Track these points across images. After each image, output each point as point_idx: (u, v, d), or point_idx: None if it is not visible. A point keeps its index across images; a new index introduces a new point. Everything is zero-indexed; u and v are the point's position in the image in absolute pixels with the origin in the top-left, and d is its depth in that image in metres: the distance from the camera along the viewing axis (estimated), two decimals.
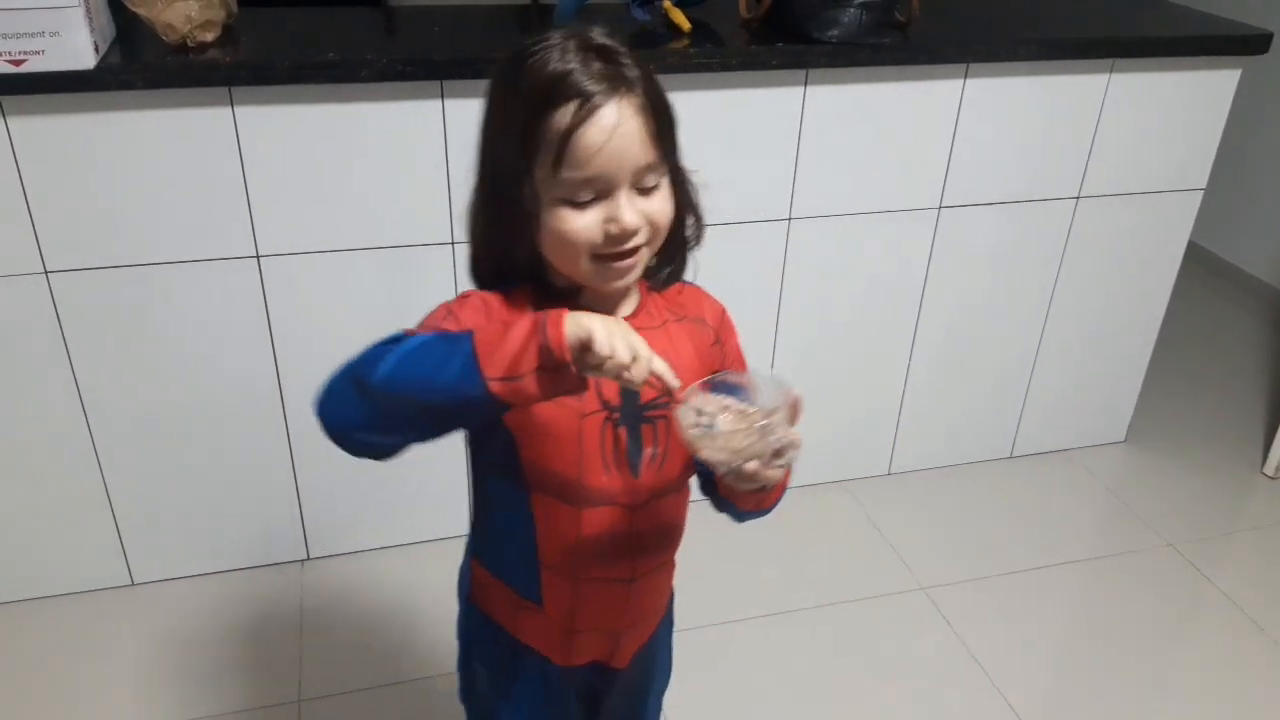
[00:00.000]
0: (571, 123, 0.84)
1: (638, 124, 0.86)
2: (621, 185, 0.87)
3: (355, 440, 0.86)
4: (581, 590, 1.03)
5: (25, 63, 1.54)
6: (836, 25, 1.89)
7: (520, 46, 0.89)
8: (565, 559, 1.01)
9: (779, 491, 0.99)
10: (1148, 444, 2.61)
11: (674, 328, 1.00)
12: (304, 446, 2.00)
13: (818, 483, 2.39)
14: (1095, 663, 1.98)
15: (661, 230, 0.92)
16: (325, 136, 1.75)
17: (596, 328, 0.77)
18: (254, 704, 1.81)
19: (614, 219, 0.87)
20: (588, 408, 0.95)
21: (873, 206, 2.10)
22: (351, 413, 0.85)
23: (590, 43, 0.88)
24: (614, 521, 1.00)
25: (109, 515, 1.96)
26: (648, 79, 0.89)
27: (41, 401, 1.83)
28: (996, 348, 2.37)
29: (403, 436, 0.86)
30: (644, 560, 1.05)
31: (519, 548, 1.03)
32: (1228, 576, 2.19)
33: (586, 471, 0.96)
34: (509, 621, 1.09)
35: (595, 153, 0.85)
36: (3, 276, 1.71)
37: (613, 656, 1.12)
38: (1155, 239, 2.34)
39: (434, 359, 0.81)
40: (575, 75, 0.85)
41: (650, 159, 0.88)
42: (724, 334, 1.07)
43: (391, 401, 0.83)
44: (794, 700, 1.86)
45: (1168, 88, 2.16)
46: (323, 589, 2.06)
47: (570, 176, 0.86)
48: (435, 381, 0.80)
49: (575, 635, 1.07)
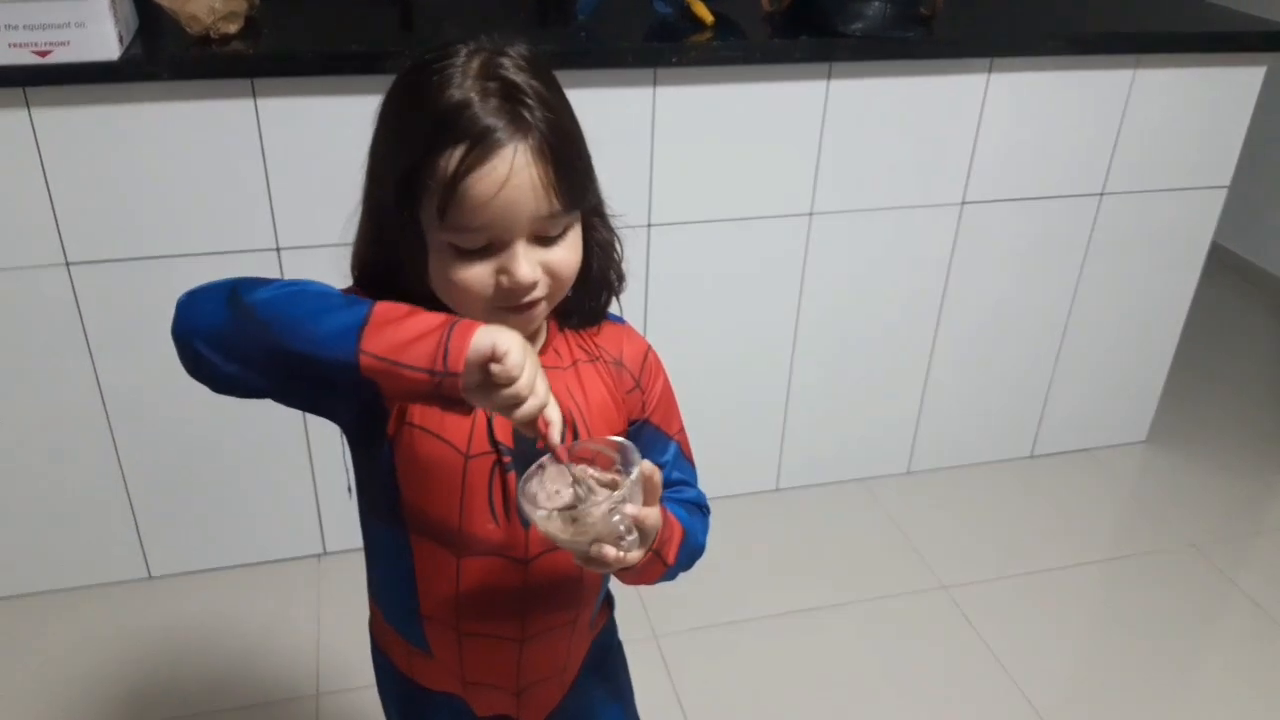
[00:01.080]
0: (458, 170, 0.74)
1: (534, 174, 0.76)
2: (517, 237, 0.78)
3: (192, 349, 0.76)
4: (466, 645, 0.95)
5: (51, 54, 1.55)
6: (860, 18, 1.88)
7: (421, 57, 0.80)
8: (445, 610, 0.93)
9: (658, 568, 0.89)
10: (1170, 444, 2.59)
11: (585, 369, 0.91)
12: (322, 441, 1.99)
13: (838, 481, 2.38)
14: (1117, 663, 1.96)
15: (565, 281, 0.83)
16: (347, 129, 1.73)
17: (514, 346, 0.70)
18: (272, 698, 1.80)
19: (507, 271, 0.78)
20: (475, 449, 0.86)
21: (895, 202, 2.09)
22: (207, 317, 0.75)
23: (494, 69, 0.77)
24: (500, 574, 0.91)
25: (127, 508, 1.96)
26: (555, 118, 0.78)
27: (62, 394, 1.83)
28: (1018, 345, 2.35)
29: (239, 370, 0.75)
30: (536, 618, 0.95)
31: (399, 592, 0.95)
32: (1251, 577, 2.17)
33: (469, 518, 0.88)
34: (406, 666, 1.02)
35: (484, 205, 0.75)
36: (25, 268, 1.71)
37: (521, 713, 1.03)
38: (1179, 236, 2.32)
39: (320, 306, 0.74)
40: (470, 113, 0.75)
41: (550, 210, 0.77)
42: (646, 378, 0.96)
43: (253, 325, 0.73)
44: (813, 699, 1.84)
45: (1193, 84, 2.14)
46: (340, 583, 2.05)
47: (457, 225, 0.76)
48: (308, 326, 0.72)
49: (471, 687, 1.00)
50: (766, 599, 2.05)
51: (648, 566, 0.87)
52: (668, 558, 0.89)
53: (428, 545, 0.90)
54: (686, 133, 1.88)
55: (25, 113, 1.60)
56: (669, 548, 0.89)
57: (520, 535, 0.90)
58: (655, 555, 0.87)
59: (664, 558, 0.89)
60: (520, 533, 0.90)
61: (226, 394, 0.80)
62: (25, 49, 1.53)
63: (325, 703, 1.79)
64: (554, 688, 1.04)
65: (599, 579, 1.01)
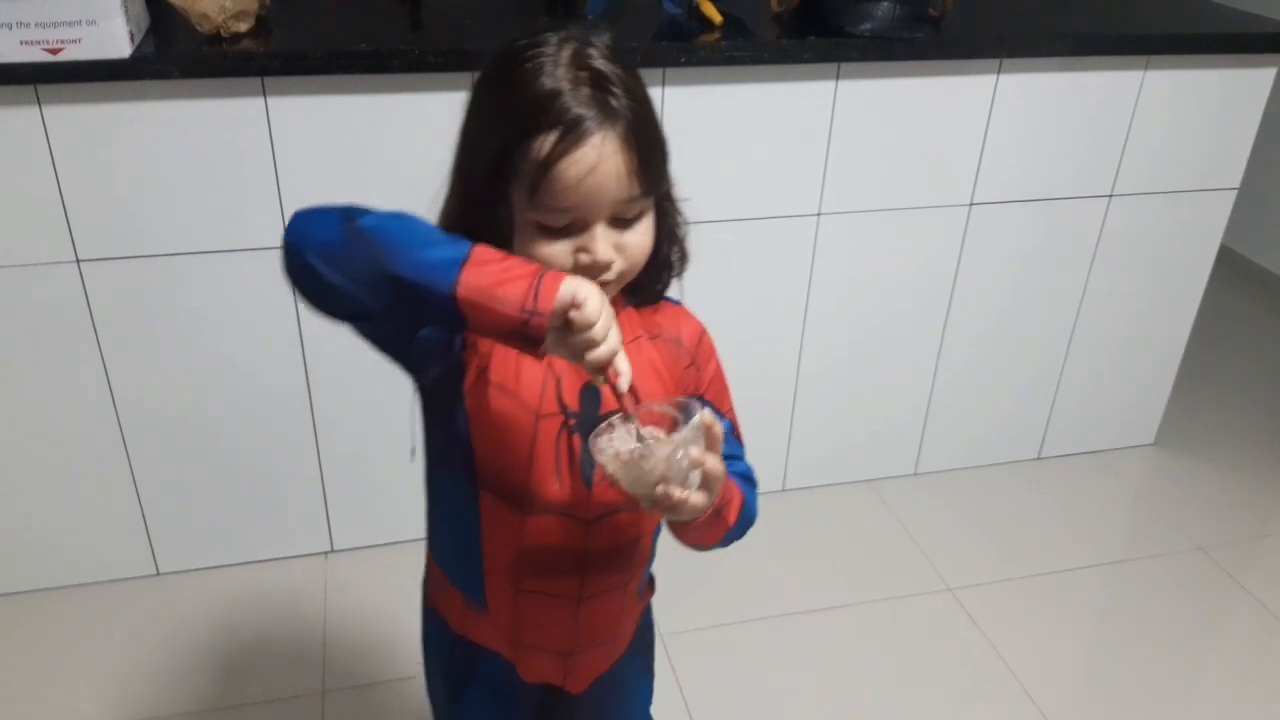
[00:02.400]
0: (550, 155, 0.80)
1: (620, 160, 0.81)
2: (598, 219, 0.84)
3: (302, 261, 0.81)
4: (523, 603, 0.99)
5: (62, 51, 1.55)
6: (869, 19, 1.88)
7: (512, 45, 0.84)
8: (508, 566, 0.97)
9: (721, 528, 0.93)
10: (1178, 447, 2.58)
11: (645, 345, 0.96)
12: (330, 438, 2.00)
13: (844, 482, 2.38)
14: (1123, 665, 1.95)
15: (637, 262, 0.88)
16: (356, 127, 1.75)
17: (593, 295, 0.75)
18: (278, 695, 1.81)
19: (586, 250, 0.84)
20: (546, 409, 0.91)
21: (903, 202, 2.09)
22: (321, 233, 0.80)
23: (584, 59, 0.82)
24: (562, 533, 0.95)
25: (136, 504, 1.97)
26: (639, 106, 0.83)
27: (71, 390, 1.84)
28: (1026, 347, 2.35)
29: (345, 285, 0.79)
30: (594, 578, 0.99)
31: (463, 547, 0.99)
32: (1258, 580, 2.16)
33: (536, 476, 0.92)
34: (459, 624, 1.05)
35: (572, 188, 0.81)
36: (36, 265, 1.72)
37: (566, 680, 1.06)
38: (1188, 238, 2.32)
39: (427, 236, 0.79)
40: (561, 101, 0.80)
41: (631, 194, 0.83)
42: (701, 357, 1.02)
43: (363, 244, 0.78)
44: (817, 700, 1.84)
45: (1202, 85, 2.13)
46: (347, 581, 2.06)
47: (545, 205, 0.82)
48: (414, 253, 0.77)
49: (523, 649, 1.03)
50: (772, 599, 2.05)
51: (709, 526, 0.91)
52: (729, 519, 0.93)
53: (495, 501, 0.94)
54: (694, 132, 1.88)
55: (36, 110, 1.61)
56: (730, 509, 0.92)
57: (584, 496, 0.94)
58: (717, 515, 0.90)
59: (725, 518, 0.92)
60: (584, 494, 0.94)
61: (324, 310, 0.84)
62: (36, 46, 1.54)
63: (331, 700, 1.80)
64: (603, 655, 1.07)
65: (650, 545, 1.05)
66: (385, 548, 2.14)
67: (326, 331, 1.89)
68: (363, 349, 2.09)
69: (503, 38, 0.87)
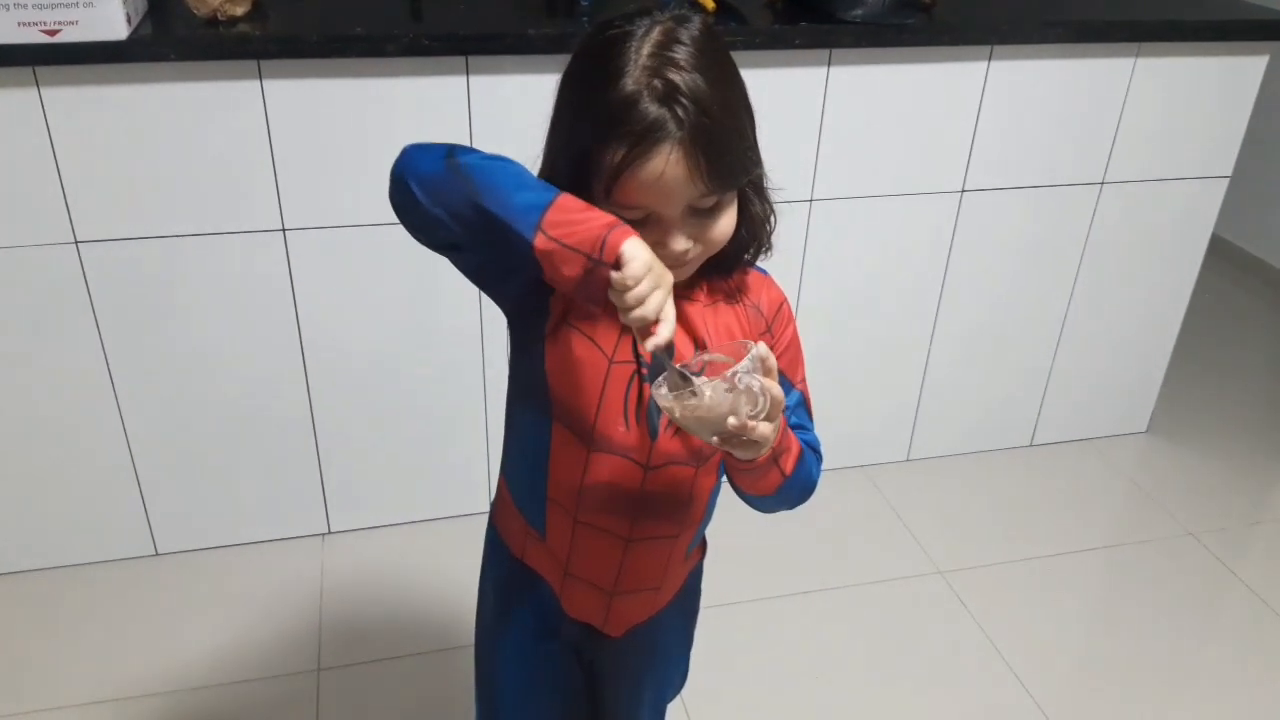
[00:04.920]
0: (621, 163, 0.84)
1: (687, 166, 0.84)
2: (672, 214, 0.88)
3: (404, 186, 0.89)
4: (579, 534, 1.04)
5: (60, 33, 1.57)
6: (860, 5, 1.90)
7: (602, 32, 0.88)
8: (569, 496, 1.03)
9: (777, 476, 0.96)
10: (1170, 434, 2.59)
11: (723, 308, 1.00)
12: (327, 420, 2.02)
13: (837, 468, 2.39)
14: (1113, 651, 1.97)
15: (715, 246, 0.93)
16: (352, 111, 1.77)
17: (639, 268, 0.79)
18: (272, 672, 1.83)
19: (661, 243, 0.88)
20: (620, 356, 0.96)
21: (895, 189, 2.10)
22: (424, 165, 0.88)
23: (665, 59, 0.84)
24: (623, 474, 1.00)
25: (135, 485, 1.99)
26: (714, 108, 0.85)
27: (70, 372, 1.85)
28: (1018, 334, 2.36)
29: (442, 214, 0.87)
30: (645, 523, 1.04)
31: (532, 474, 1.05)
32: (1249, 567, 2.18)
33: (604, 417, 0.98)
34: (518, 545, 1.12)
35: (646, 193, 0.86)
36: (34, 246, 1.74)
37: (605, 622, 1.11)
38: (1180, 226, 2.33)
39: (518, 181, 0.85)
40: (635, 111, 0.83)
41: (702, 193, 0.87)
42: (778, 326, 1.05)
43: (460, 180, 0.86)
44: (808, 684, 1.86)
45: (1194, 73, 2.14)
46: (343, 562, 2.08)
47: (619, 203, 0.87)
48: (503, 195, 0.84)
49: (570, 580, 1.08)
50: (764, 583, 2.06)
51: (766, 471, 0.94)
52: (785, 467, 0.96)
53: (565, 435, 1.00)
54: None
55: (35, 91, 1.63)
56: (787, 458, 0.95)
57: (646, 442, 0.99)
58: (775, 460, 0.93)
59: (781, 466, 0.95)
60: (646, 440, 0.99)
61: (422, 237, 0.92)
62: (34, 28, 1.55)
63: (325, 678, 1.82)
64: (644, 603, 1.12)
65: (704, 509, 1.09)
66: (382, 530, 2.16)
67: (323, 313, 1.91)
68: (361, 331, 2.10)
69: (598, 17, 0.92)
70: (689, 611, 1.22)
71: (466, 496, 2.16)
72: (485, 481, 2.16)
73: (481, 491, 2.15)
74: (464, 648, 1.69)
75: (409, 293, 1.94)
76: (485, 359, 2.04)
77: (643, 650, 1.17)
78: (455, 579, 2.01)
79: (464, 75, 1.77)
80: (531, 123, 0.96)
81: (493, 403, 2.08)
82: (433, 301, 1.95)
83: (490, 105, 1.81)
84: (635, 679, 1.20)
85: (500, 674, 1.18)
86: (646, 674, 1.21)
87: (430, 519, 2.18)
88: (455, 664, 1.83)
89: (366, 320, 1.95)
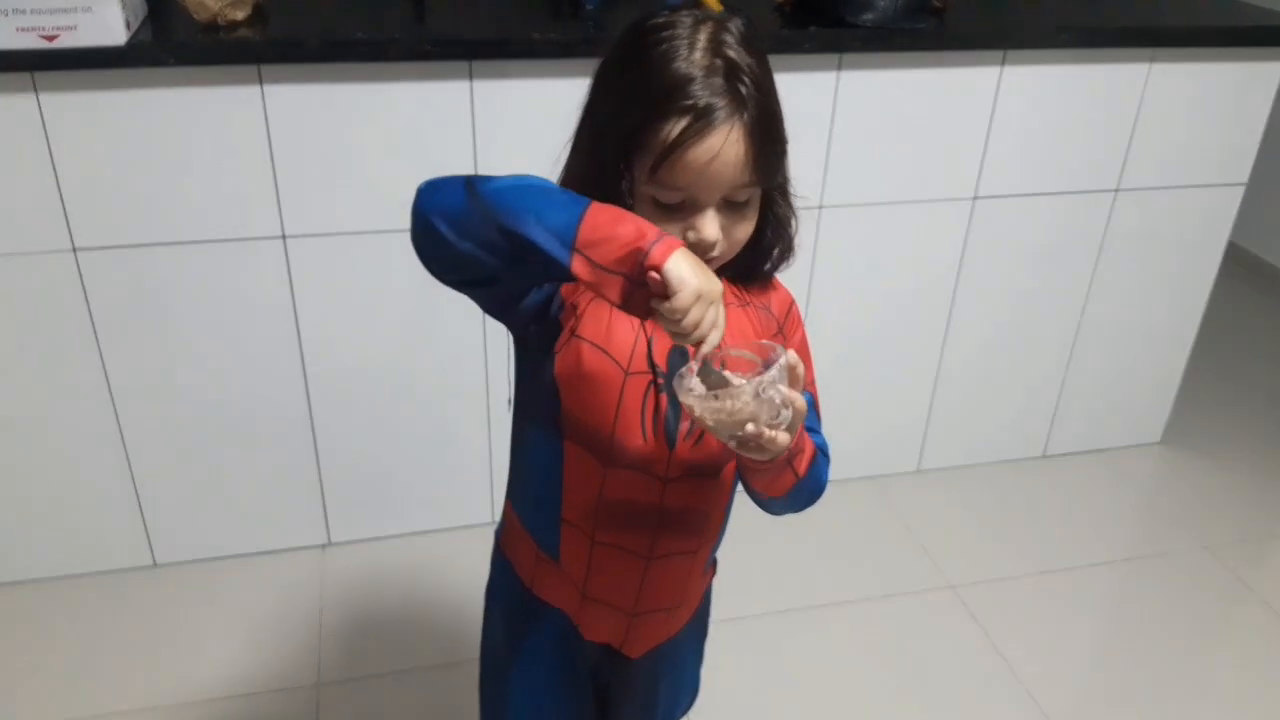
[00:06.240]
0: (679, 138, 0.83)
1: (741, 149, 0.85)
2: (711, 201, 0.87)
3: (428, 224, 0.84)
4: (596, 554, 1.02)
5: (58, 38, 1.55)
6: (871, 9, 1.87)
7: (644, 24, 0.87)
8: (585, 516, 1.01)
9: (789, 477, 0.95)
10: (1184, 445, 2.55)
11: (734, 311, 0.99)
12: (327, 430, 1.99)
13: (847, 478, 2.36)
14: (1126, 665, 1.93)
15: (737, 246, 0.92)
16: (353, 116, 1.74)
17: (689, 292, 0.76)
18: (272, 686, 1.80)
19: (695, 229, 0.88)
20: (635, 367, 0.94)
21: (905, 196, 2.07)
22: (446, 200, 0.84)
23: (720, 45, 0.85)
24: (640, 489, 0.98)
25: (133, 495, 1.96)
26: (767, 98, 0.87)
27: (68, 380, 1.83)
28: (1031, 343, 2.32)
29: (473, 246, 0.83)
30: (666, 539, 1.02)
31: (544, 496, 1.03)
32: (1264, 580, 2.14)
33: (621, 430, 0.96)
34: (528, 575, 1.09)
35: (694, 174, 0.85)
36: (32, 253, 1.72)
37: (625, 642, 1.09)
38: (1195, 234, 2.29)
39: (546, 201, 0.81)
40: (694, 88, 0.83)
41: (746, 181, 0.87)
42: (789, 327, 1.05)
43: (486, 211, 0.82)
44: (818, 697, 1.83)
45: (1209, 79, 2.11)
46: (343, 574, 2.05)
47: (664, 184, 0.86)
48: (533, 218, 0.80)
49: (589, 604, 1.06)
50: (774, 595, 2.03)
51: (779, 472, 0.93)
52: (799, 469, 0.94)
53: (579, 452, 0.97)
54: None
55: (33, 97, 1.60)
56: (800, 460, 0.94)
57: (664, 454, 0.97)
58: (788, 462, 0.92)
59: (795, 468, 0.94)
60: (665, 452, 0.97)
61: (451, 276, 0.89)
62: (33, 33, 1.53)
63: (325, 692, 1.79)
64: (665, 623, 1.10)
65: (720, 521, 1.08)
66: (383, 541, 2.13)
67: (323, 320, 1.89)
68: (362, 340, 2.08)
69: (637, 14, 0.90)
70: (701, 628, 1.21)
71: (468, 508, 2.13)
72: (488, 492, 2.13)
73: (483, 503, 2.12)
74: (467, 662, 1.66)
75: (410, 301, 1.91)
76: (488, 369, 2.01)
77: (659, 670, 1.15)
78: (458, 591, 1.99)
79: (467, 80, 1.75)
80: (536, 128, 0.94)
81: (495, 413, 2.06)
82: (434, 311, 1.92)
83: (494, 111, 1.78)
84: (650, 699, 1.18)
85: (512, 705, 1.16)
86: (661, 693, 1.19)
87: (431, 530, 2.15)
88: (458, 678, 1.80)
89: (367, 329, 1.92)
